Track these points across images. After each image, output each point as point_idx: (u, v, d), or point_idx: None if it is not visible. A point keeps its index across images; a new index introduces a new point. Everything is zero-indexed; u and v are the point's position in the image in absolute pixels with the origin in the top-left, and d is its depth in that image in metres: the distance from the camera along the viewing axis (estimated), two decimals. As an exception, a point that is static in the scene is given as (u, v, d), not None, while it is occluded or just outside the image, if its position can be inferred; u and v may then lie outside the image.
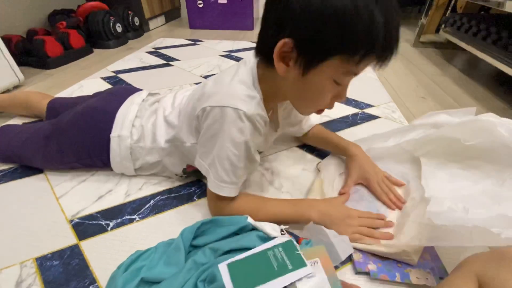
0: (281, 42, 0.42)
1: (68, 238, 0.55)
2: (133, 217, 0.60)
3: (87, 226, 0.58)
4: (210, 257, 0.44)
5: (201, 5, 2.11)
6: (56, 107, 0.81)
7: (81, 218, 0.60)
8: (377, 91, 1.20)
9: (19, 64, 1.21)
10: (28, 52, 1.41)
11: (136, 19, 1.94)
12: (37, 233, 0.56)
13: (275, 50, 0.43)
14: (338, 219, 0.53)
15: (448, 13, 1.78)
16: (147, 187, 0.68)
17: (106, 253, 0.53)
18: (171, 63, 1.49)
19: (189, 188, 0.68)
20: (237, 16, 2.11)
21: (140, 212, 0.61)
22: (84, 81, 1.27)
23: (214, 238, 0.48)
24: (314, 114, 0.56)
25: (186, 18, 2.24)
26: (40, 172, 0.72)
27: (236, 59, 1.55)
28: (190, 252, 0.48)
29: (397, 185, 0.62)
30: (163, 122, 0.63)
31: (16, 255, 0.52)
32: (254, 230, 0.47)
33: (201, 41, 1.89)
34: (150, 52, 1.65)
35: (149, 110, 0.67)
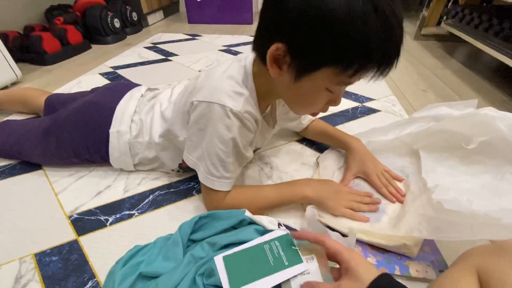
0: (274, 46, 0.40)
1: (67, 234, 0.55)
2: (132, 212, 0.60)
3: (86, 222, 0.58)
4: (208, 251, 0.44)
5: (199, -1, 2.09)
6: (54, 103, 0.81)
7: (80, 213, 0.60)
8: (377, 84, 1.18)
9: (17, 60, 1.20)
10: (26, 48, 1.40)
11: (134, 14, 1.92)
12: (36, 229, 0.56)
13: (268, 52, 0.41)
14: (332, 194, 0.55)
15: (449, 5, 1.76)
16: (145, 182, 0.68)
17: (105, 249, 0.53)
18: (169, 58, 1.48)
19: (188, 183, 0.67)
20: (236, 10, 2.09)
21: (139, 207, 0.61)
22: (82, 77, 1.26)
23: (212, 232, 0.48)
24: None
25: (185, 12, 2.22)
26: (39, 168, 0.72)
27: (235, 53, 1.53)
28: (188, 246, 0.48)
29: (397, 180, 0.62)
30: (160, 117, 0.63)
31: (15, 251, 0.52)
32: (252, 223, 0.47)
33: (200, 35, 1.88)
34: (149, 48, 1.64)
35: (147, 105, 0.67)
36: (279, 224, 0.47)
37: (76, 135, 0.66)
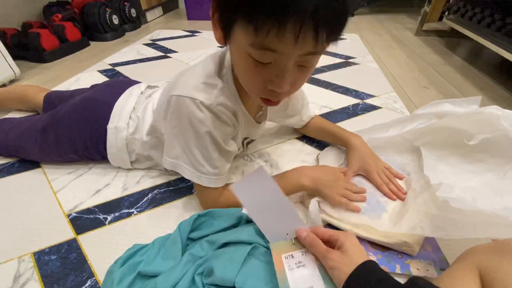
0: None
1: (66, 233, 0.55)
2: (130, 210, 0.60)
3: (85, 220, 0.57)
4: (207, 250, 0.44)
5: (198, -5, 2.07)
6: (53, 99, 0.80)
7: (78, 212, 0.59)
8: (378, 81, 1.18)
9: (15, 58, 1.19)
10: (24, 45, 1.39)
11: (132, 11, 1.90)
12: (34, 228, 0.56)
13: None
14: (329, 182, 0.55)
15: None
16: (144, 180, 0.67)
17: (104, 247, 0.52)
18: (169, 55, 1.47)
19: (187, 181, 0.67)
20: (235, 6, 2.07)
21: (138, 205, 0.61)
22: (81, 74, 1.25)
23: (211, 231, 0.47)
24: (313, 105, 0.54)
25: (184, 9, 2.20)
26: (37, 166, 0.71)
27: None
28: (187, 245, 0.48)
29: (397, 178, 0.61)
30: (151, 115, 0.62)
31: (14, 250, 0.52)
32: (250, 221, 0.47)
33: (199, 32, 1.86)
34: (148, 44, 1.62)
35: (145, 102, 0.66)
36: None
37: (75, 130, 0.65)
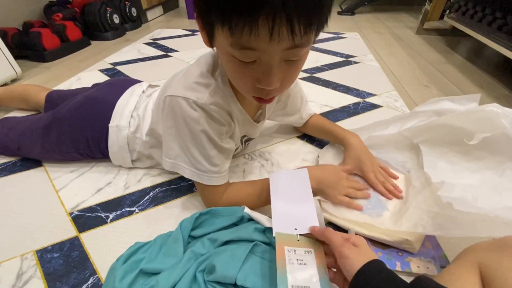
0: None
1: (68, 231, 0.55)
2: (132, 209, 0.60)
3: (87, 219, 0.58)
4: (209, 248, 0.44)
5: (199, -6, 2.07)
6: (55, 98, 0.81)
7: (80, 210, 0.60)
8: (379, 80, 1.18)
9: (16, 57, 1.20)
10: (25, 45, 1.39)
11: (133, 10, 1.90)
12: (37, 226, 0.56)
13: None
14: (333, 183, 0.55)
15: (453, -2, 1.73)
16: (146, 179, 0.67)
17: (106, 245, 0.53)
18: (169, 54, 1.47)
19: (188, 180, 0.67)
20: (236, 5, 2.07)
21: (139, 204, 0.61)
22: (82, 73, 1.25)
23: (212, 229, 0.47)
24: (314, 104, 0.54)
25: (184, 8, 2.20)
26: (39, 165, 0.72)
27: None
28: (189, 243, 0.48)
29: (393, 178, 0.61)
30: (150, 114, 0.62)
31: (17, 248, 0.52)
32: (252, 220, 0.47)
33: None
34: (148, 44, 1.63)
35: (146, 101, 0.66)
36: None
37: (76, 128, 0.66)
